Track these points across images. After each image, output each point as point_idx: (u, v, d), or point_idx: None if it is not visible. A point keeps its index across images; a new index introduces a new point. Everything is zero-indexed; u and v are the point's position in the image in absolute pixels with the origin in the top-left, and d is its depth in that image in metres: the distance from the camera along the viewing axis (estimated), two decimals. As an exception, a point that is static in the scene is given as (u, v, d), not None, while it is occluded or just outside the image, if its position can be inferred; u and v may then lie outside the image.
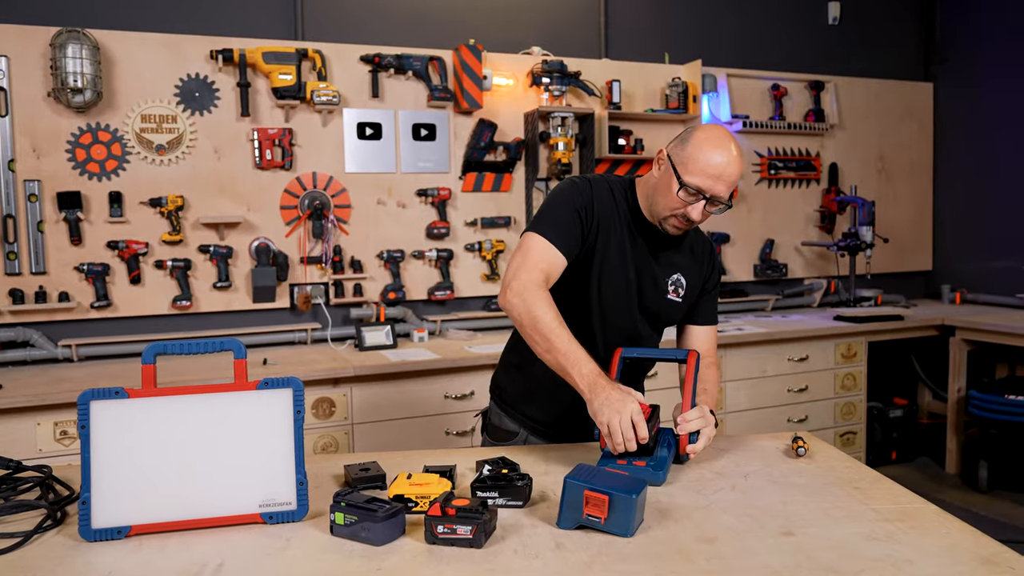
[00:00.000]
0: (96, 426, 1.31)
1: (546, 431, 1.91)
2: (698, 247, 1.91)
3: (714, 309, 1.96)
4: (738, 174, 1.68)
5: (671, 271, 1.84)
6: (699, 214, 1.68)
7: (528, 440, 1.91)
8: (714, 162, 1.63)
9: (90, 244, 3.29)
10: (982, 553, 1.21)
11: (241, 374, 1.38)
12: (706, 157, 1.64)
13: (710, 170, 1.63)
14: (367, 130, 3.69)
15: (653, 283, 1.82)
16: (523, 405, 1.93)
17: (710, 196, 1.66)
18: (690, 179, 1.65)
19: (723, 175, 1.64)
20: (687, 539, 1.27)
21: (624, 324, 1.83)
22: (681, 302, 1.86)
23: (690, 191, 1.66)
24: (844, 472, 1.59)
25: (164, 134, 3.37)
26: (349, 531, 1.27)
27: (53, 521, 1.35)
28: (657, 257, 1.82)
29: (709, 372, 1.85)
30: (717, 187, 1.65)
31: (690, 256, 1.88)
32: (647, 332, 1.89)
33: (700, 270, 1.90)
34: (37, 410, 2.71)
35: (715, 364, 1.92)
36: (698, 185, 1.64)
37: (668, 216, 1.71)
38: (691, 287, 1.88)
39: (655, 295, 1.83)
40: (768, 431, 3.41)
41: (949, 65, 5.05)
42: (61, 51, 3.08)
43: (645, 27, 4.39)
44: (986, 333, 4.06)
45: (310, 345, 3.62)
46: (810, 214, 4.80)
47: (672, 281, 1.84)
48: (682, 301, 1.86)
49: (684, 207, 1.68)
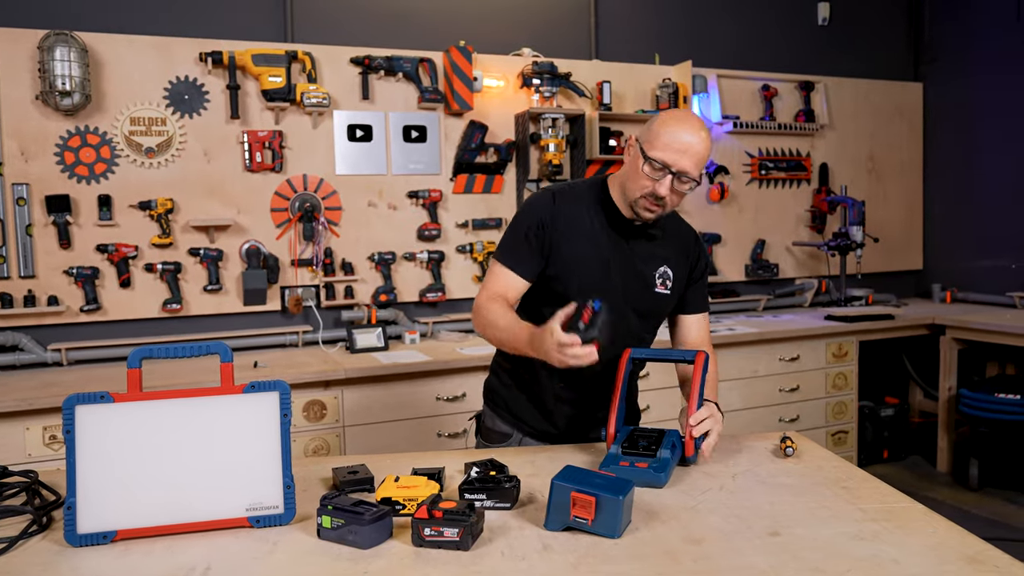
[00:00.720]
0: (81, 431, 1.30)
1: (539, 433, 1.91)
2: (681, 236, 1.92)
3: (704, 296, 1.97)
4: (704, 152, 1.70)
5: (657, 264, 1.85)
6: (666, 189, 1.69)
7: (523, 442, 1.91)
8: (677, 136, 1.67)
9: (79, 247, 3.28)
10: (968, 552, 1.21)
11: (227, 377, 1.38)
12: (669, 132, 1.68)
13: (674, 144, 1.66)
14: (357, 132, 3.69)
15: (639, 280, 1.83)
16: (515, 408, 1.93)
17: (676, 171, 1.68)
18: (655, 154, 1.68)
19: (688, 150, 1.67)
20: (674, 540, 1.27)
21: (621, 326, 1.82)
22: (670, 294, 1.87)
23: (655, 166, 1.68)
24: (832, 472, 1.59)
25: (153, 137, 3.36)
26: (336, 534, 1.27)
27: (39, 527, 1.34)
28: (640, 252, 1.83)
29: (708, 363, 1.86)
30: (682, 161, 1.67)
31: (674, 247, 1.89)
32: (642, 329, 1.89)
33: (686, 259, 1.90)
34: (26, 415, 2.70)
35: (712, 352, 1.92)
36: (663, 159, 1.67)
37: (639, 198, 1.73)
38: (678, 277, 1.88)
39: (644, 292, 1.83)
40: (760, 431, 3.42)
41: (938, 65, 5.07)
42: (49, 54, 3.07)
43: (635, 28, 4.40)
44: (976, 332, 4.07)
45: (301, 348, 3.61)
46: (801, 214, 4.81)
47: (660, 274, 1.85)
48: (671, 293, 1.87)
49: (652, 184, 1.69)
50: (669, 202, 1.72)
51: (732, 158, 4.57)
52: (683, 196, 1.74)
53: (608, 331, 1.49)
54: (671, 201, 1.72)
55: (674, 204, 1.75)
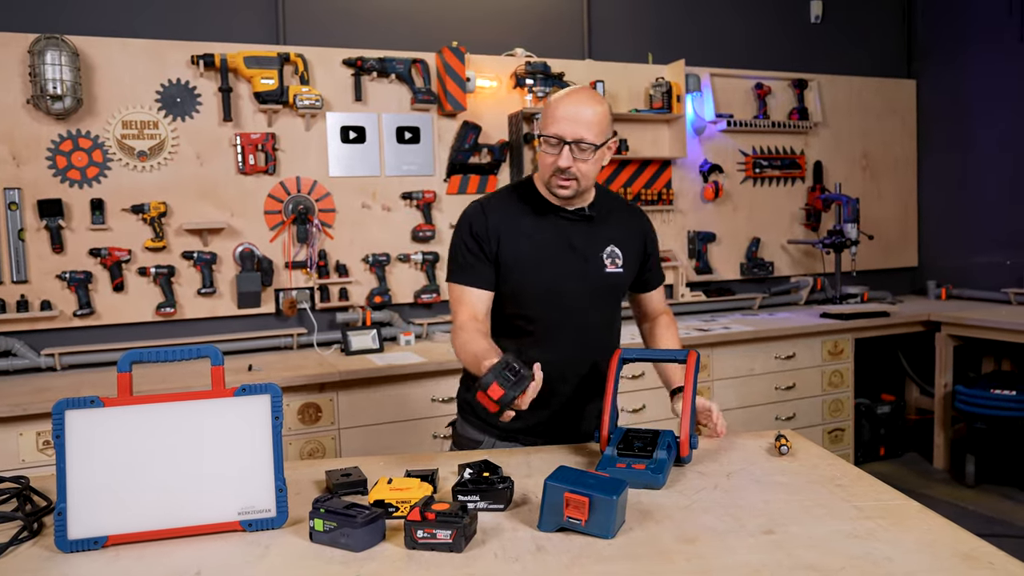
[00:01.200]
0: (72, 436, 1.30)
1: (507, 435, 1.90)
2: (627, 216, 1.96)
3: (659, 269, 2.06)
4: (594, 118, 1.72)
5: (603, 244, 1.87)
6: (568, 160, 1.72)
7: (495, 446, 1.91)
8: (564, 109, 1.72)
9: (72, 252, 3.27)
10: (962, 549, 1.21)
11: (218, 381, 1.37)
12: (555, 106, 1.74)
13: (560, 114, 1.72)
14: (351, 134, 3.68)
15: (587, 262, 1.85)
16: (483, 413, 1.91)
17: (571, 140, 1.71)
18: (547, 130, 1.73)
19: (575, 118, 1.71)
20: (668, 540, 1.27)
21: (576, 313, 1.84)
22: (623, 271, 1.89)
23: (551, 141, 1.73)
24: (827, 470, 1.59)
25: (146, 140, 3.35)
26: (328, 537, 1.27)
27: (29, 533, 1.33)
28: (582, 236, 1.85)
29: (670, 332, 2.03)
30: (576, 129, 1.70)
31: (620, 227, 1.92)
32: (603, 311, 1.91)
33: (636, 237, 1.94)
34: (19, 420, 2.69)
35: (670, 315, 2.09)
36: (554, 132, 1.72)
37: (550, 178, 1.77)
38: (630, 255, 1.91)
39: (593, 273, 1.85)
40: (756, 429, 3.41)
41: (931, 62, 5.08)
42: (40, 58, 3.06)
43: (628, 28, 4.40)
44: (972, 328, 4.08)
45: (296, 350, 3.60)
46: (795, 212, 4.81)
47: (608, 254, 1.87)
48: (624, 271, 1.89)
49: (555, 159, 1.73)
50: (578, 172, 1.74)
51: (726, 156, 4.57)
52: (596, 166, 1.77)
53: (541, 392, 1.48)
54: (580, 171, 1.75)
55: (586, 175, 1.76)
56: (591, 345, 1.88)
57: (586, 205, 1.87)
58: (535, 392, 1.46)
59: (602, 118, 1.74)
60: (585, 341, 1.87)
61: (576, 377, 1.87)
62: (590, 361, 1.88)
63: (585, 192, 1.84)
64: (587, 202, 1.87)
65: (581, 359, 1.87)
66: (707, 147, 4.52)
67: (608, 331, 1.94)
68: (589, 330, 1.87)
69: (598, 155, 1.76)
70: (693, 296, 4.43)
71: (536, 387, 1.45)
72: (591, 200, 1.88)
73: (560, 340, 1.84)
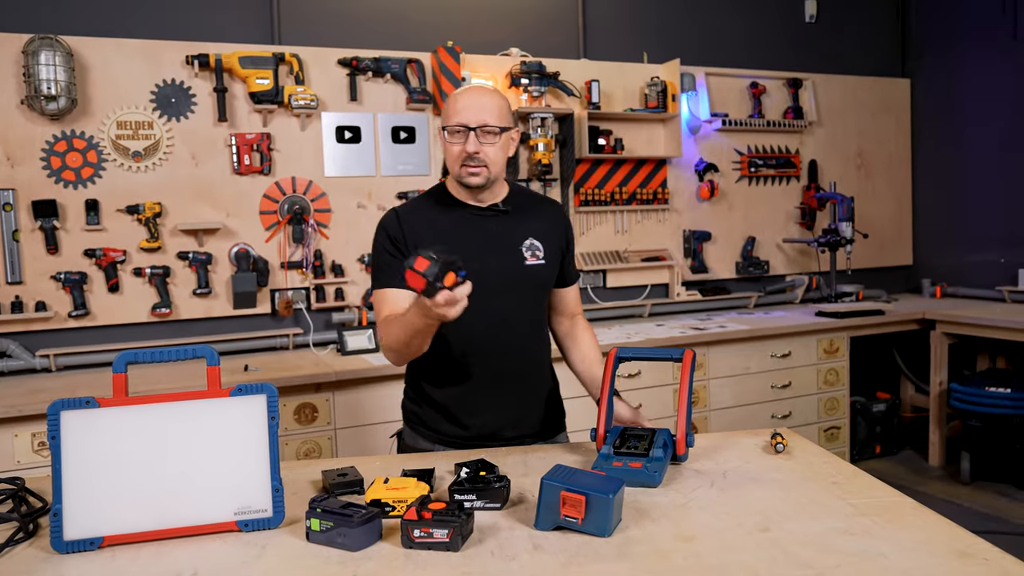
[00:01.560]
0: (67, 436, 1.29)
1: (452, 440, 1.89)
2: (546, 210, 1.96)
3: (574, 266, 2.04)
4: (495, 104, 1.77)
5: (522, 238, 1.87)
6: (475, 145, 1.75)
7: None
8: (463, 99, 1.78)
9: (67, 253, 3.26)
10: (957, 546, 1.21)
11: (214, 381, 1.37)
12: (454, 99, 1.79)
13: (460, 105, 1.76)
14: (346, 134, 3.68)
15: (507, 256, 1.85)
16: (428, 421, 1.91)
17: (475, 126, 1.74)
18: (449, 121, 1.77)
19: (475, 105, 1.75)
20: (665, 538, 1.27)
21: (499, 310, 1.82)
22: (545, 263, 1.89)
23: (455, 130, 1.75)
24: (822, 467, 1.59)
25: (140, 140, 3.35)
26: (325, 537, 1.26)
27: (25, 534, 1.33)
28: (500, 231, 1.85)
29: (588, 335, 2.00)
30: (477, 115, 1.74)
31: (539, 220, 1.91)
32: (529, 307, 1.90)
33: (555, 229, 1.94)
34: (15, 421, 2.68)
35: (589, 324, 2.05)
36: (457, 121, 1.75)
37: (459, 168, 1.78)
38: (551, 248, 1.90)
39: (511, 266, 1.85)
40: (752, 427, 3.42)
41: (925, 61, 5.09)
42: (34, 58, 3.05)
43: (623, 27, 4.40)
44: (967, 326, 4.09)
45: (292, 350, 3.60)
46: (790, 211, 4.82)
47: (527, 247, 1.87)
48: (546, 263, 1.89)
49: (462, 147, 1.75)
50: (486, 157, 1.76)
51: (721, 156, 4.58)
52: (502, 152, 1.79)
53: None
54: (487, 155, 1.76)
55: (494, 160, 1.78)
56: (521, 344, 1.88)
57: (499, 200, 1.87)
58: (467, 289, 1.47)
59: (502, 105, 1.79)
60: (513, 340, 1.86)
61: (510, 378, 1.86)
62: (522, 360, 1.88)
63: (496, 184, 1.85)
64: (499, 197, 1.88)
65: (512, 358, 1.86)
66: (702, 146, 4.53)
67: (537, 328, 1.93)
68: (516, 327, 1.86)
69: (503, 141, 1.78)
70: (689, 295, 4.44)
71: (467, 288, 1.47)
72: (504, 196, 1.89)
73: (488, 340, 1.82)
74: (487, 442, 1.85)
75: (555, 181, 4.12)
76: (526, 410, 1.91)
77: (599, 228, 4.27)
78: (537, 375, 1.94)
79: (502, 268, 1.83)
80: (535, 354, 1.93)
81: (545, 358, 1.98)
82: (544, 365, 1.97)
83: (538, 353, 1.94)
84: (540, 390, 1.95)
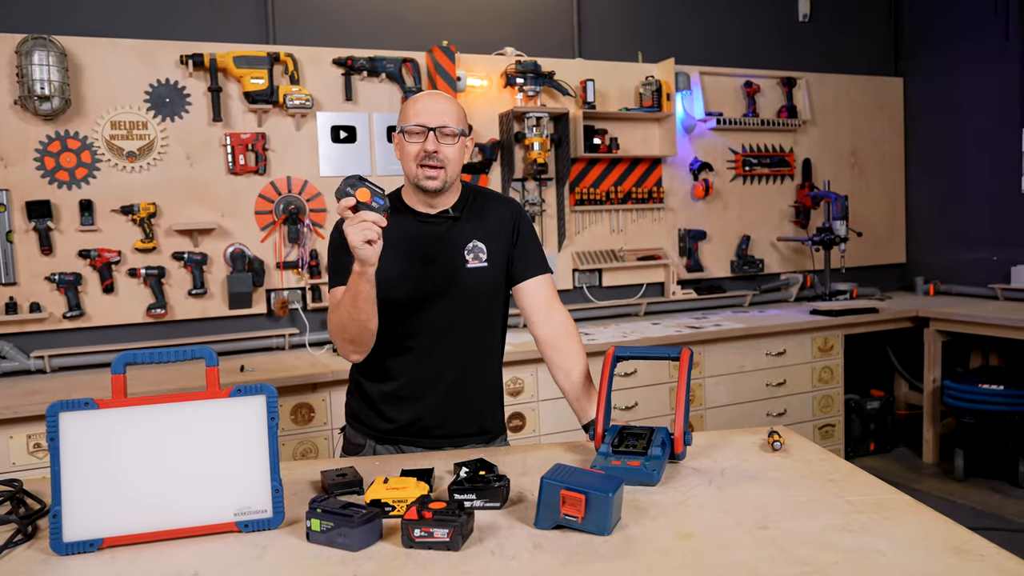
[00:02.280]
0: (66, 438, 1.29)
1: (382, 435, 1.91)
2: (497, 210, 1.93)
3: (540, 257, 1.95)
4: (452, 108, 1.80)
5: (465, 241, 1.87)
6: (434, 144, 1.76)
7: (376, 450, 1.91)
8: (422, 102, 1.80)
9: (61, 253, 3.25)
10: (954, 542, 1.22)
11: (213, 382, 1.37)
12: (413, 102, 1.82)
13: (418, 107, 1.79)
14: (341, 133, 3.68)
15: (448, 260, 1.85)
16: (362, 416, 1.94)
17: (434, 126, 1.76)
18: (408, 123, 1.78)
19: (435, 108, 1.78)
20: (664, 536, 1.27)
21: (439, 313, 1.84)
22: (488, 266, 1.88)
23: (414, 131, 1.77)
24: (820, 465, 1.60)
25: (135, 140, 3.34)
26: (325, 537, 1.27)
27: (24, 536, 1.33)
28: (444, 236, 1.86)
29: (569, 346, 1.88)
30: (436, 117, 1.77)
31: (487, 222, 1.90)
32: (474, 310, 1.89)
33: (503, 228, 1.91)
34: (9, 423, 2.67)
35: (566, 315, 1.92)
36: (415, 122, 1.77)
37: (416, 169, 1.79)
38: (496, 248, 1.89)
39: (452, 270, 1.85)
40: (747, 426, 3.43)
41: (919, 60, 5.12)
42: (27, 58, 3.04)
43: (618, 26, 4.41)
44: (960, 324, 4.11)
45: (288, 351, 3.60)
46: (785, 209, 4.84)
47: (469, 249, 1.87)
48: (488, 265, 1.88)
49: (420, 147, 1.77)
50: (444, 158, 1.77)
51: (716, 155, 4.59)
52: (460, 155, 1.81)
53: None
54: (446, 156, 1.77)
55: (452, 161, 1.79)
56: (459, 347, 1.87)
57: (450, 206, 1.87)
58: (373, 216, 1.55)
59: (459, 111, 1.81)
60: (456, 344, 1.86)
61: (448, 380, 1.87)
62: (457, 362, 1.88)
63: (450, 189, 1.85)
64: (451, 203, 1.87)
65: (449, 360, 1.87)
66: (697, 145, 4.54)
67: (483, 331, 1.92)
68: (456, 330, 1.86)
69: (460, 144, 1.80)
70: (684, 294, 4.45)
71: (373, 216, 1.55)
72: (455, 201, 1.88)
73: (430, 344, 1.84)
74: (416, 438, 1.88)
75: (551, 180, 4.13)
76: (456, 411, 1.90)
77: (595, 227, 4.28)
78: (474, 378, 1.93)
79: (442, 272, 1.84)
80: (475, 358, 1.91)
81: (489, 362, 1.96)
82: (485, 369, 1.96)
83: (478, 357, 1.92)
84: (475, 393, 1.93)
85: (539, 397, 3.42)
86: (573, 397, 1.85)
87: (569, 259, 4.21)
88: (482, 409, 1.95)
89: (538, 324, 1.91)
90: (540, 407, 3.42)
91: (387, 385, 1.88)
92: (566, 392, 1.87)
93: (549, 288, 1.94)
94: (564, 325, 1.90)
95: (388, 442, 1.90)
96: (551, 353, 1.90)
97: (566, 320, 1.92)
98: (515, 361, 3.31)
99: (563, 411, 3.33)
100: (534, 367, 3.38)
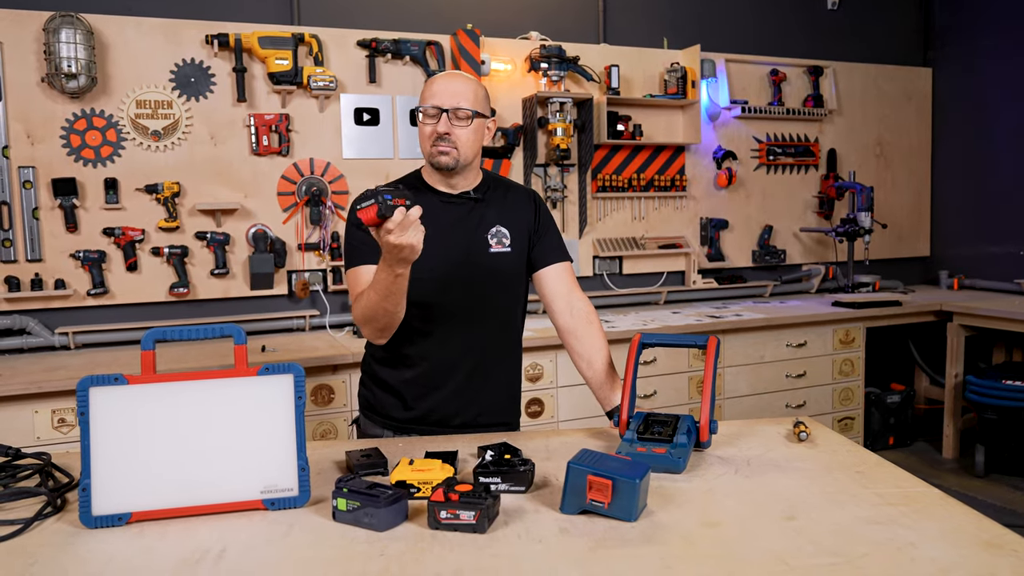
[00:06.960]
0: (95, 413, 1.30)
1: (402, 426, 1.90)
2: (516, 197, 1.94)
3: (560, 245, 1.96)
4: (470, 89, 1.80)
5: (488, 226, 1.87)
6: (446, 126, 1.77)
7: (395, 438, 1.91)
8: (439, 83, 1.81)
9: (86, 231, 3.27)
10: (984, 537, 1.21)
11: (242, 360, 1.37)
12: (431, 83, 1.82)
13: (436, 88, 1.80)
14: (364, 115, 3.67)
15: (472, 244, 1.85)
16: (379, 407, 1.94)
17: (449, 108, 1.77)
18: (424, 103, 1.80)
19: (451, 89, 1.79)
20: (690, 524, 1.27)
21: (461, 296, 1.83)
22: (511, 251, 1.88)
23: (429, 112, 1.78)
24: (846, 457, 1.59)
25: (159, 120, 3.35)
26: (352, 517, 1.27)
27: (53, 508, 1.34)
28: (466, 219, 1.86)
29: (591, 334, 1.86)
30: (453, 99, 1.77)
31: (508, 208, 1.91)
32: (496, 296, 1.89)
33: (524, 215, 1.92)
34: (34, 398, 2.71)
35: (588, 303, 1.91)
36: (431, 103, 1.78)
37: (431, 148, 1.80)
38: (518, 234, 1.89)
39: (476, 253, 1.84)
40: (767, 416, 3.42)
41: (948, 50, 5.03)
42: (55, 36, 3.05)
43: (644, 12, 4.37)
44: (984, 319, 4.06)
45: (308, 332, 3.61)
46: (808, 200, 4.79)
47: (493, 234, 1.87)
48: (512, 250, 1.88)
49: (434, 127, 1.78)
50: (457, 139, 1.77)
51: (740, 143, 4.54)
52: (475, 136, 1.80)
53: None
54: (458, 137, 1.77)
55: (465, 143, 1.79)
56: (480, 332, 1.87)
57: (471, 188, 1.87)
58: (418, 211, 1.49)
59: (478, 91, 1.81)
60: (473, 327, 1.85)
61: (469, 366, 1.87)
62: (479, 348, 1.87)
63: (469, 171, 1.85)
64: (472, 185, 1.87)
65: (469, 346, 1.86)
66: (721, 133, 4.49)
67: (503, 317, 1.92)
68: (476, 314, 1.85)
69: (476, 125, 1.80)
70: (705, 283, 4.42)
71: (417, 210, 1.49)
72: (476, 183, 1.88)
73: (452, 329, 1.84)
74: (435, 428, 1.87)
75: (573, 166, 4.11)
76: (476, 399, 1.89)
77: (616, 214, 4.26)
78: (495, 365, 1.92)
79: (466, 255, 1.84)
80: (495, 344, 1.91)
81: (509, 349, 1.96)
82: (506, 356, 1.96)
83: (499, 343, 1.92)
84: (496, 380, 1.93)
85: (558, 383, 3.41)
86: (596, 385, 1.85)
87: (590, 246, 4.19)
88: (501, 399, 1.95)
89: (559, 313, 1.91)
90: (559, 393, 3.42)
91: (408, 372, 1.88)
92: (589, 380, 1.86)
93: (569, 276, 1.94)
94: (585, 313, 1.90)
95: (404, 432, 1.89)
96: (572, 342, 1.89)
97: (587, 308, 1.91)
98: (535, 347, 3.30)
99: (581, 397, 3.34)
100: (553, 353, 3.37)
